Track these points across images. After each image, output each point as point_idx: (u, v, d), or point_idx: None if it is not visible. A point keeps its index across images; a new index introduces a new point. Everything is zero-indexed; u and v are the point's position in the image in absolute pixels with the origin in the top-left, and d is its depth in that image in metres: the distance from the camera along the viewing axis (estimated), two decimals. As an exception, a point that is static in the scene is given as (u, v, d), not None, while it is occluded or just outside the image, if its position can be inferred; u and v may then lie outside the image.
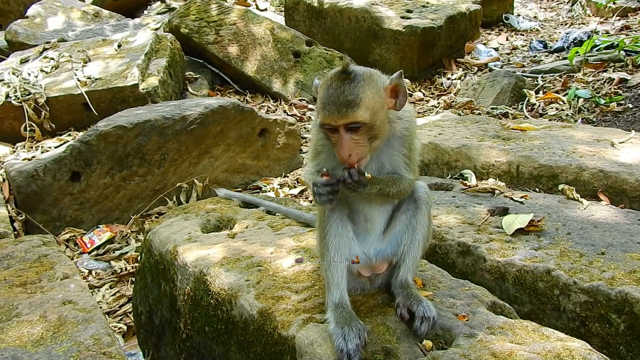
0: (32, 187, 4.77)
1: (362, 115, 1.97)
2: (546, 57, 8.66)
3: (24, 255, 2.82)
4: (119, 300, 4.19)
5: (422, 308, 2.17)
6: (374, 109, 2.01)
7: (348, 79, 1.99)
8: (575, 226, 3.01)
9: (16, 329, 2.16)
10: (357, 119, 1.96)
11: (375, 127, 2.02)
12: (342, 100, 1.96)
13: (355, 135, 2.00)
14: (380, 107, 2.04)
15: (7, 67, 6.89)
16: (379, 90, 2.04)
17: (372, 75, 2.06)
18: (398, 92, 2.09)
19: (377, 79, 2.06)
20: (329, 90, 1.99)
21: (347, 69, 2.00)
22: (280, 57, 8.06)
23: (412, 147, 2.23)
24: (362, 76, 2.01)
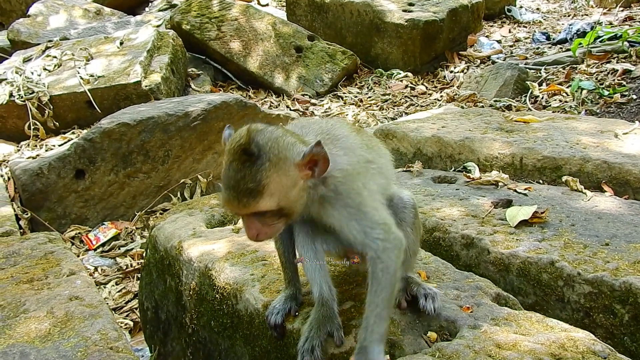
0: (37, 185, 4.80)
1: (266, 204, 1.71)
2: (549, 48, 8.63)
3: (30, 252, 2.84)
4: (125, 296, 4.22)
5: (422, 289, 2.19)
6: (283, 192, 1.74)
7: (249, 160, 1.69)
8: (579, 217, 3.01)
9: (24, 325, 2.18)
10: (260, 209, 1.72)
11: (285, 208, 1.77)
12: (242, 187, 1.69)
13: (262, 218, 1.76)
14: (291, 187, 1.76)
15: (10, 66, 6.92)
16: (289, 168, 1.74)
17: (281, 151, 1.74)
18: (315, 162, 1.77)
19: (287, 154, 1.75)
20: (229, 171, 1.72)
21: (249, 149, 1.70)
22: (283, 52, 8.06)
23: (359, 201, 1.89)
24: (267, 156, 1.70)
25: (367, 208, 1.89)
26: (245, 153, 1.69)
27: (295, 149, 1.76)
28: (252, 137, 1.71)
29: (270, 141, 1.73)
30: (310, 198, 1.84)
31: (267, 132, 1.76)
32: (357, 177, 1.91)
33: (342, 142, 1.97)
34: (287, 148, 1.75)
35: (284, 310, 2.21)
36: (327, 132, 2.00)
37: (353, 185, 1.88)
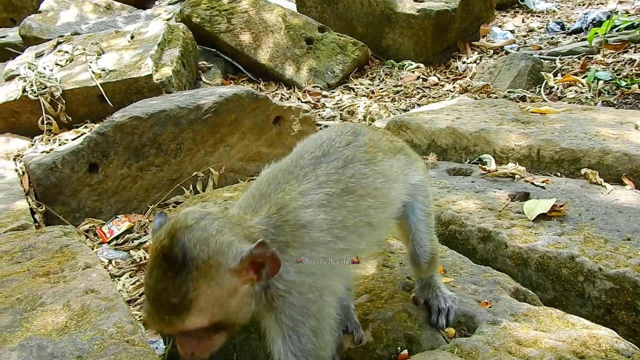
0: (51, 179, 4.80)
1: (194, 322, 1.39)
2: (564, 38, 8.50)
3: (46, 245, 2.85)
4: (139, 289, 4.22)
5: (437, 301, 2.14)
6: (216, 305, 1.43)
7: (172, 269, 1.37)
8: (599, 211, 2.96)
9: (41, 318, 2.18)
10: (187, 329, 1.41)
11: (223, 322, 1.47)
12: (164, 302, 1.37)
13: (196, 334, 1.45)
14: (227, 297, 1.45)
15: (23, 62, 6.94)
16: (224, 276, 1.42)
17: (213, 256, 1.41)
18: (260, 265, 1.47)
19: (219, 260, 1.41)
20: (149, 279, 1.40)
21: (171, 254, 1.38)
22: (293, 44, 8.01)
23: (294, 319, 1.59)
24: (194, 262, 1.38)
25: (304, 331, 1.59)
26: (166, 260, 1.38)
27: (230, 251, 1.43)
28: (176, 238, 1.39)
29: (199, 243, 1.40)
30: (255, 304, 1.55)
31: (196, 230, 1.42)
32: (309, 288, 1.59)
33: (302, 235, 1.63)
34: (221, 251, 1.42)
35: None
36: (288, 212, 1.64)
37: (297, 300, 1.57)
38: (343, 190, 1.74)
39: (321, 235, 1.64)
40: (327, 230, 1.66)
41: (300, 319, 1.57)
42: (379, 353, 2.02)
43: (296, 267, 1.57)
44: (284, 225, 1.61)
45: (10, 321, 2.17)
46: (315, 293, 1.59)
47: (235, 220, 1.55)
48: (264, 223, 1.60)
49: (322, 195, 1.69)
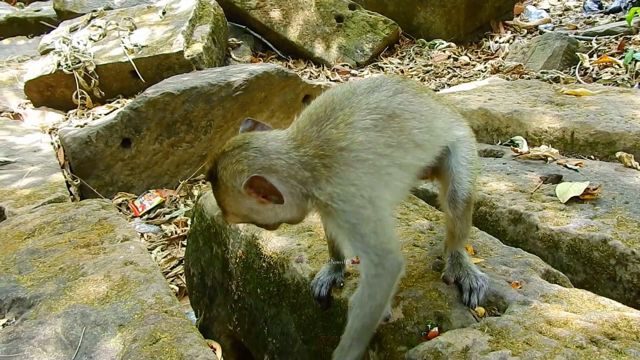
0: (86, 153, 4.93)
1: (232, 220, 1.92)
2: (601, 18, 8.26)
3: (85, 218, 2.94)
4: (171, 262, 4.34)
5: (468, 280, 2.16)
6: (244, 212, 1.85)
7: (212, 183, 1.87)
8: (633, 195, 2.92)
9: (83, 288, 2.27)
10: (233, 222, 1.97)
11: (258, 222, 1.91)
12: (217, 203, 1.90)
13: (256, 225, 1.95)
14: (248, 209, 1.84)
15: (58, 36, 7.06)
16: (238, 195, 1.80)
17: (228, 179, 1.79)
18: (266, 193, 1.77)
19: (232, 183, 1.78)
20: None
21: (210, 174, 1.86)
22: (323, 21, 7.97)
23: (353, 226, 1.81)
24: (219, 182, 1.82)
25: (365, 230, 1.80)
26: (210, 178, 1.86)
27: (239, 179, 1.76)
28: (215, 162, 1.82)
29: (223, 169, 1.79)
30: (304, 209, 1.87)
31: (227, 157, 1.80)
32: (353, 196, 1.79)
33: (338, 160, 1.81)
34: (234, 177, 1.77)
35: (328, 282, 2.25)
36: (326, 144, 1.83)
37: (346, 207, 1.78)
38: (389, 115, 1.91)
39: (360, 155, 1.82)
40: (367, 149, 1.83)
41: (356, 222, 1.79)
42: (410, 330, 2.05)
43: (333, 182, 1.79)
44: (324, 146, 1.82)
45: (55, 289, 2.27)
46: (363, 200, 1.79)
47: (266, 151, 1.81)
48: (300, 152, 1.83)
49: (369, 120, 1.87)
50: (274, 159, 1.80)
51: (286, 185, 1.79)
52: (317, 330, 2.36)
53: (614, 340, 1.88)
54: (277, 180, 1.76)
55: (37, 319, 2.11)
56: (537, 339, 1.89)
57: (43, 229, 2.82)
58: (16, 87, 6.94)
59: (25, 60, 7.86)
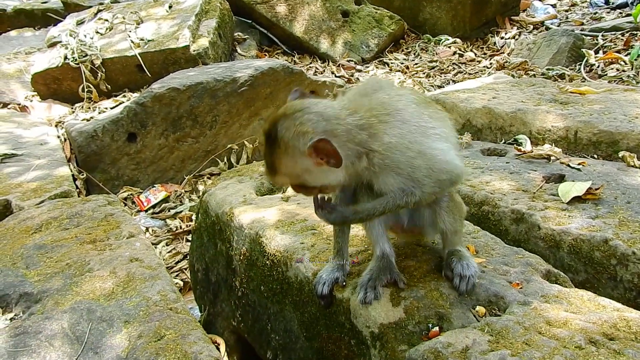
0: (92, 147, 4.97)
1: (282, 180, 1.96)
2: (608, 14, 8.22)
3: (91, 214, 2.98)
4: (175, 257, 4.38)
5: (460, 266, 2.21)
6: (298, 174, 1.92)
7: (269, 144, 1.91)
8: (635, 195, 2.93)
9: (89, 283, 2.31)
10: (279, 184, 2.00)
11: (309, 184, 1.96)
12: (267, 164, 1.96)
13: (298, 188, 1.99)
14: (305, 171, 1.92)
15: (65, 29, 7.10)
16: (298, 156, 1.87)
17: (291, 140, 1.86)
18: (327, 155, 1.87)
19: (295, 144, 1.86)
20: (262, 148, 1.99)
21: (269, 135, 1.90)
22: (329, 16, 7.96)
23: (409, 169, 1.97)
24: (279, 142, 1.87)
25: (419, 174, 1.97)
26: (267, 138, 1.90)
27: (303, 140, 1.85)
28: (275, 123, 1.88)
29: (285, 129, 1.86)
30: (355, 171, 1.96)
31: (288, 119, 1.88)
32: (407, 147, 1.96)
33: (396, 116, 2.00)
34: (297, 138, 1.85)
35: (330, 280, 2.28)
36: (381, 106, 2.01)
37: (401, 157, 1.95)
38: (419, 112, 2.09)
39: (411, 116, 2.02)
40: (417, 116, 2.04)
41: (411, 169, 1.96)
42: (411, 329, 2.08)
43: (390, 133, 1.94)
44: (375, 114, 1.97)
45: (61, 285, 2.31)
46: (414, 151, 1.95)
47: (327, 116, 1.92)
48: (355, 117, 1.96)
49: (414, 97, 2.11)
50: (334, 124, 1.92)
51: (343, 148, 1.88)
52: (320, 328, 2.39)
53: (612, 341, 1.90)
54: (337, 144, 1.85)
55: (44, 314, 2.15)
56: (536, 340, 1.91)
57: (50, 224, 2.86)
58: (23, 80, 6.97)
59: (32, 52, 7.89)
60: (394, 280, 2.22)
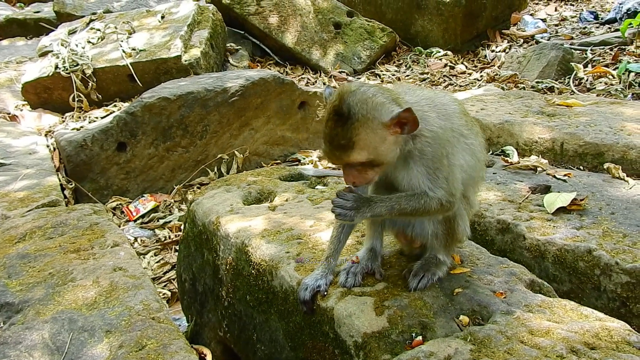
0: (81, 157, 4.95)
1: (357, 157, 1.91)
2: (597, 28, 8.31)
3: (76, 223, 2.96)
4: (163, 267, 4.36)
5: (416, 265, 2.30)
6: (372, 147, 1.92)
7: (341, 120, 1.88)
8: (619, 206, 2.95)
9: (72, 293, 2.29)
10: (352, 161, 1.93)
11: (376, 160, 1.95)
12: (336, 143, 1.90)
13: (357, 168, 1.97)
14: (379, 142, 1.93)
15: (56, 39, 7.10)
16: (377, 127, 1.91)
17: (370, 111, 1.90)
18: (404, 123, 1.93)
19: (375, 114, 1.90)
20: (326, 129, 1.94)
21: (340, 110, 1.89)
22: (321, 28, 8.01)
23: (436, 166, 2.05)
24: (356, 115, 1.88)
25: (441, 175, 2.06)
26: (337, 114, 1.88)
27: (383, 109, 1.92)
28: (344, 99, 1.89)
29: (360, 102, 1.89)
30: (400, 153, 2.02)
31: (358, 94, 1.91)
32: (444, 143, 2.06)
33: (440, 108, 2.12)
34: (376, 108, 1.90)
35: (313, 287, 2.30)
36: (429, 97, 2.16)
37: (437, 151, 2.04)
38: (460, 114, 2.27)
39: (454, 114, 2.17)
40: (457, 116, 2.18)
41: (439, 166, 2.05)
42: (394, 338, 2.08)
43: (437, 124, 2.06)
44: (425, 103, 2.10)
45: (43, 295, 2.29)
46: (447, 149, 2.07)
47: (392, 92, 2.03)
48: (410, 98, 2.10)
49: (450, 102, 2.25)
50: (400, 99, 2.02)
51: None
52: (304, 338, 2.38)
53: (594, 350, 1.91)
54: None
55: (24, 324, 2.13)
56: (518, 349, 1.92)
57: (34, 234, 2.84)
58: (14, 89, 6.97)
59: (24, 61, 7.90)
60: (374, 271, 2.33)
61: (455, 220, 2.28)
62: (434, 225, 2.26)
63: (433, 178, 2.05)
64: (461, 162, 2.15)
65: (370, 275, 2.37)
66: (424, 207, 2.06)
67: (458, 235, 2.33)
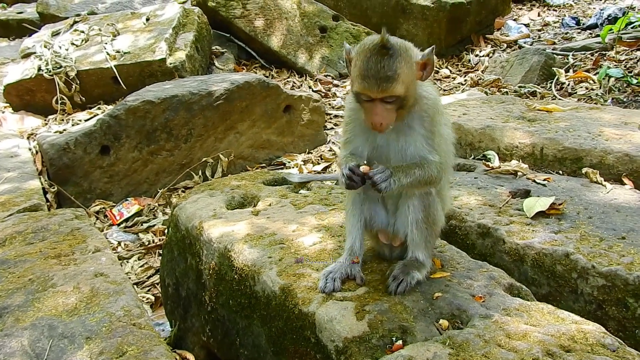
0: (64, 160, 4.92)
1: (398, 90, 2.08)
2: (578, 34, 8.44)
3: (57, 228, 2.94)
4: (147, 271, 4.34)
5: (396, 268, 2.34)
6: (408, 83, 2.11)
7: (387, 54, 2.06)
8: (597, 210, 3.01)
9: (52, 299, 2.28)
10: (394, 94, 2.08)
11: (406, 98, 2.14)
12: (382, 75, 2.05)
13: (388, 105, 2.12)
14: (411, 80, 2.14)
15: (39, 40, 7.04)
16: (412, 64, 2.14)
17: (407, 50, 2.13)
18: (426, 66, 2.19)
19: (411, 53, 2.14)
20: (369, 63, 2.08)
21: (387, 44, 2.07)
22: (307, 31, 8.03)
23: (434, 130, 2.26)
24: (399, 51, 2.08)
25: (436, 139, 2.27)
26: (384, 48, 2.06)
27: (414, 51, 2.17)
28: (387, 38, 2.07)
29: (399, 42, 2.12)
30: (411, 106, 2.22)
31: (393, 37, 2.12)
32: (440, 109, 2.32)
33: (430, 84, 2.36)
34: (410, 49, 2.15)
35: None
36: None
37: (435, 116, 2.27)
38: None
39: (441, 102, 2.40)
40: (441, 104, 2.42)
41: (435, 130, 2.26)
42: (374, 343, 2.09)
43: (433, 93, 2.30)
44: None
45: (23, 301, 2.27)
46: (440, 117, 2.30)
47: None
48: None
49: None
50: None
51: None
52: (286, 343, 2.39)
53: (569, 353, 1.95)
54: None
55: (3, 331, 2.11)
56: (495, 352, 1.95)
57: (14, 239, 2.82)
58: (-5, 91, 6.90)
59: (6, 63, 7.83)
60: (354, 276, 2.38)
61: (434, 206, 2.36)
62: (414, 213, 2.34)
63: (430, 142, 2.25)
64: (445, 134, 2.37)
65: (351, 280, 2.39)
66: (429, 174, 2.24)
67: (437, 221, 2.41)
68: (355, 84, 2.13)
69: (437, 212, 2.40)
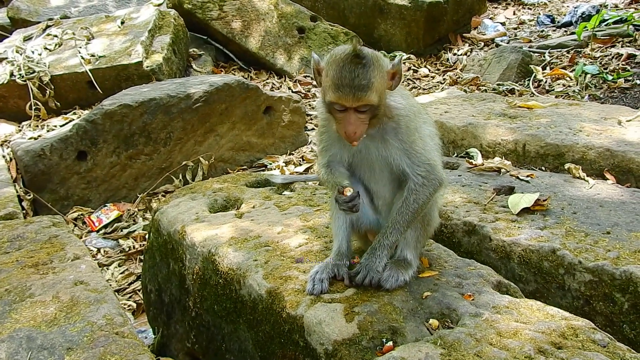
0: (40, 167, 4.80)
1: (373, 98, 2.07)
2: (554, 32, 8.54)
3: (34, 236, 2.85)
4: (128, 278, 4.25)
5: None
6: (380, 91, 2.11)
7: (360, 63, 2.05)
8: (581, 205, 3.02)
9: (30, 310, 2.20)
10: (369, 102, 2.07)
11: (378, 107, 2.14)
12: (357, 84, 2.05)
13: (362, 115, 2.11)
14: (383, 89, 2.15)
15: (11, 45, 6.87)
16: (384, 73, 2.14)
17: (379, 59, 2.12)
18: (395, 75, 2.19)
19: (382, 62, 2.13)
20: (343, 72, 2.06)
21: (360, 54, 2.06)
22: (285, 32, 7.99)
23: (412, 139, 2.26)
24: (371, 60, 2.07)
25: (417, 147, 2.26)
26: (357, 57, 2.06)
27: (384, 61, 2.17)
28: (359, 48, 2.09)
29: (371, 52, 2.12)
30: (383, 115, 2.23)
31: (365, 50, 2.12)
32: (412, 117, 2.30)
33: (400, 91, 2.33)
34: (382, 58, 2.16)
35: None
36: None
37: (409, 123, 2.26)
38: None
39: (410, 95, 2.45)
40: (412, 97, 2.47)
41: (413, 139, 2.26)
42: (365, 345, 2.06)
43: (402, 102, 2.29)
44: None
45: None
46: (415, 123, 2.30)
47: None
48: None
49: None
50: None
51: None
52: (274, 347, 2.35)
53: (560, 350, 1.94)
54: None
55: (-20, 344, 2.03)
56: (487, 351, 1.93)
57: (-11, 248, 2.73)
58: (-34, 98, 6.70)
59: (-23, 69, 7.60)
60: (342, 277, 2.35)
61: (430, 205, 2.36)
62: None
63: (411, 154, 2.25)
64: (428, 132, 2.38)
65: (339, 281, 2.35)
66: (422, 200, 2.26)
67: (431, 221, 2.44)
68: (328, 93, 2.11)
69: (432, 212, 2.39)
